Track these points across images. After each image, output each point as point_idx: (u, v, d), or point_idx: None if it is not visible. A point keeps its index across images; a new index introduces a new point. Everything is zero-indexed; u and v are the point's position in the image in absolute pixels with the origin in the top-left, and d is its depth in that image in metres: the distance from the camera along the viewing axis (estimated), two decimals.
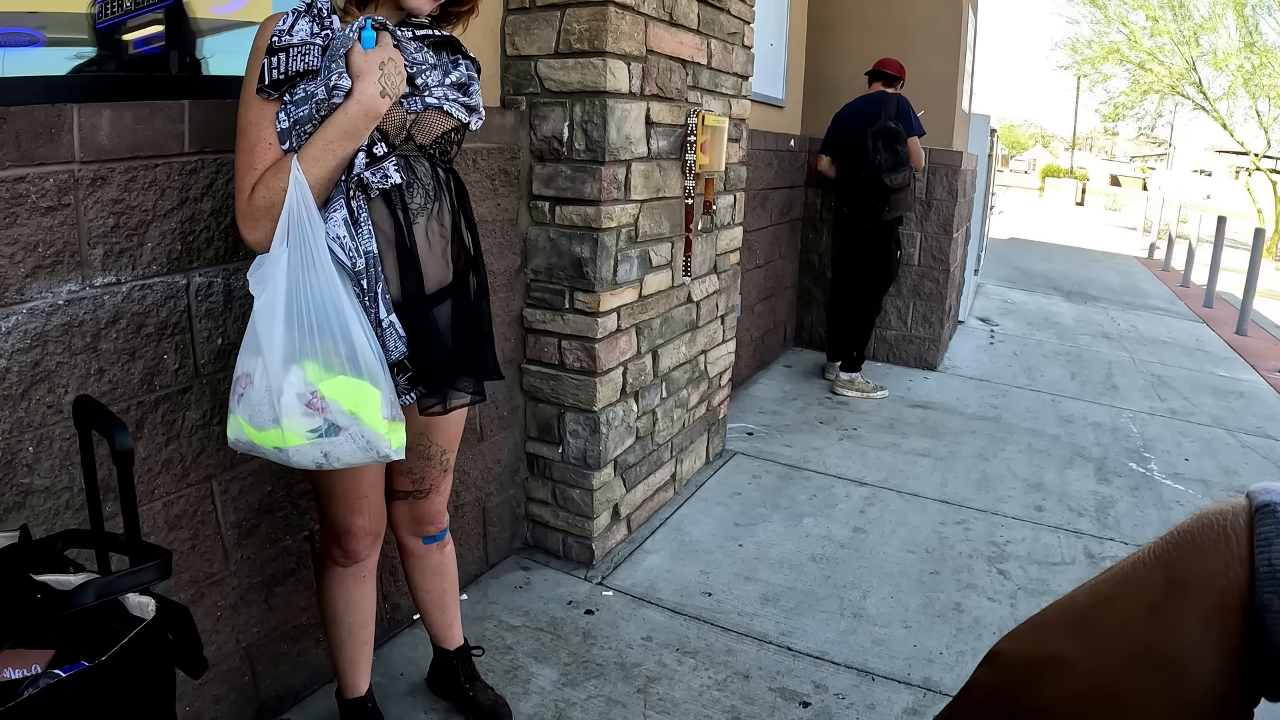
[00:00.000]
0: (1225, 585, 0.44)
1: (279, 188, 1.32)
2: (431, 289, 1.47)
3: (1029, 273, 10.62)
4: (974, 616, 2.52)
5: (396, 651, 2.20)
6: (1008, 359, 5.78)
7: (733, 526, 3.01)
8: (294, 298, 1.30)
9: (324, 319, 1.30)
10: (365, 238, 1.38)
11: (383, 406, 1.34)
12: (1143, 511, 3.36)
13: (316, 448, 1.32)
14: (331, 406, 1.30)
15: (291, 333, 1.30)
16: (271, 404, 1.29)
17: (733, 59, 3.11)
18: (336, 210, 1.37)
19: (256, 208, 1.34)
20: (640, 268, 2.66)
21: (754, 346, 4.80)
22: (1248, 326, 7.63)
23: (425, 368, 1.47)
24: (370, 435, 1.33)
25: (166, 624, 1.01)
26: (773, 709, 2.07)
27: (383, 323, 1.40)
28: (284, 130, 1.36)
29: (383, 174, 1.39)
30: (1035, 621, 0.52)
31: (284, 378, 1.29)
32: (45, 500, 1.40)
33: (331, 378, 1.31)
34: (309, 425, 1.30)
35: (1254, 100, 17.80)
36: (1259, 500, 0.45)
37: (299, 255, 1.30)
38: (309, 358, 1.30)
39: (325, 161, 1.33)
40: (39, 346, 1.36)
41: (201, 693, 1.72)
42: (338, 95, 1.32)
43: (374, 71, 1.32)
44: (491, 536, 2.62)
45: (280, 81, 1.34)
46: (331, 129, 1.32)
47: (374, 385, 1.33)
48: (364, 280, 1.38)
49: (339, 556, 1.67)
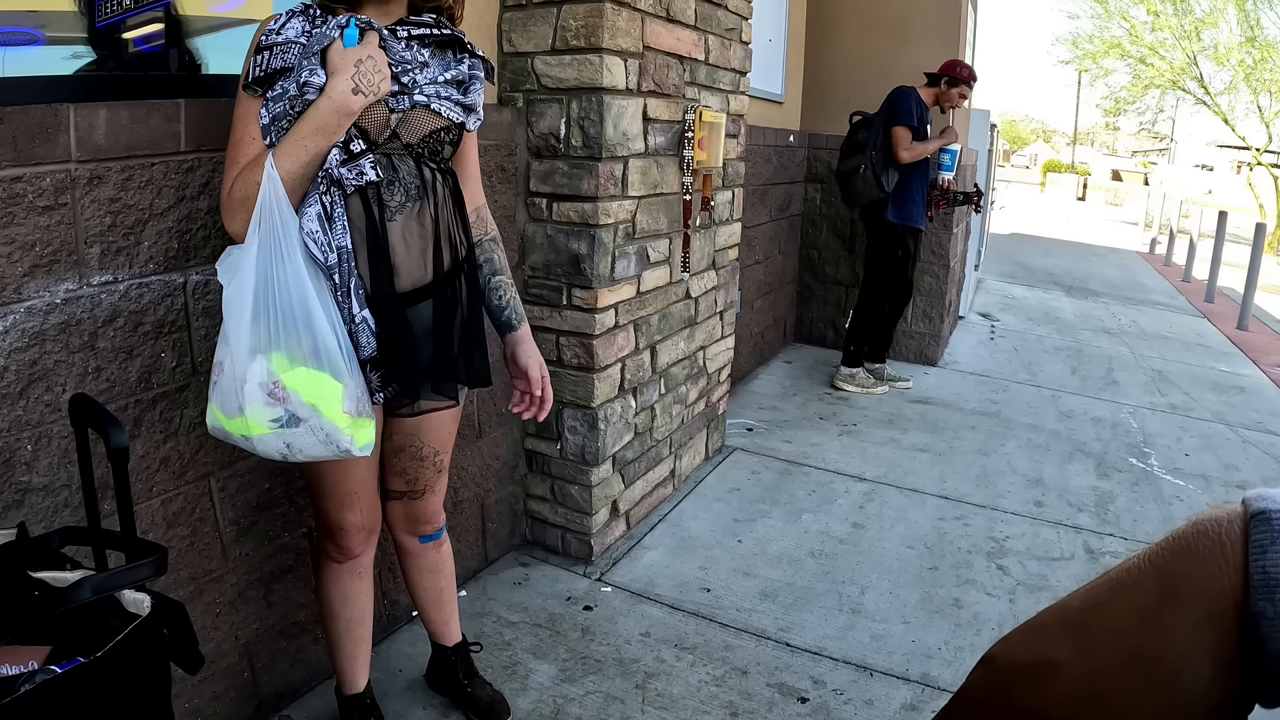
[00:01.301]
0: (1219, 591, 0.44)
1: (254, 181, 1.33)
2: (405, 288, 1.45)
3: (1030, 268, 10.61)
4: (973, 612, 2.52)
5: (395, 648, 2.20)
6: (1008, 354, 5.78)
7: (732, 522, 3.01)
8: (261, 288, 1.31)
9: (289, 311, 1.31)
10: (339, 233, 1.37)
11: (344, 401, 1.33)
12: (1142, 507, 3.36)
13: (279, 438, 1.32)
14: (292, 397, 1.31)
15: (258, 323, 1.31)
16: (236, 392, 1.30)
17: (730, 55, 3.11)
18: (311, 205, 1.36)
19: (234, 200, 1.36)
20: (638, 264, 2.66)
21: (753, 342, 4.80)
22: (1249, 321, 7.62)
23: (395, 367, 1.46)
24: (329, 429, 1.33)
25: (162, 620, 1.02)
26: (771, 704, 2.07)
27: (355, 318, 1.39)
28: (265, 126, 1.38)
29: (358, 171, 1.38)
30: (1030, 625, 0.52)
31: (249, 366, 1.30)
32: (44, 498, 1.40)
33: (294, 369, 1.31)
34: (270, 415, 1.31)
35: (1255, 95, 17.78)
36: (1254, 507, 0.45)
37: (268, 247, 1.31)
38: (276, 348, 1.31)
39: (298, 157, 1.33)
40: (37, 345, 1.37)
41: (201, 689, 1.73)
42: (309, 91, 1.33)
43: (348, 69, 1.33)
44: (490, 533, 2.63)
45: (262, 79, 1.36)
46: (304, 125, 1.33)
47: (335, 379, 1.33)
48: (336, 275, 1.38)
49: (333, 552, 1.68)
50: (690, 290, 3.07)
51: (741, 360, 4.50)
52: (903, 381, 4.76)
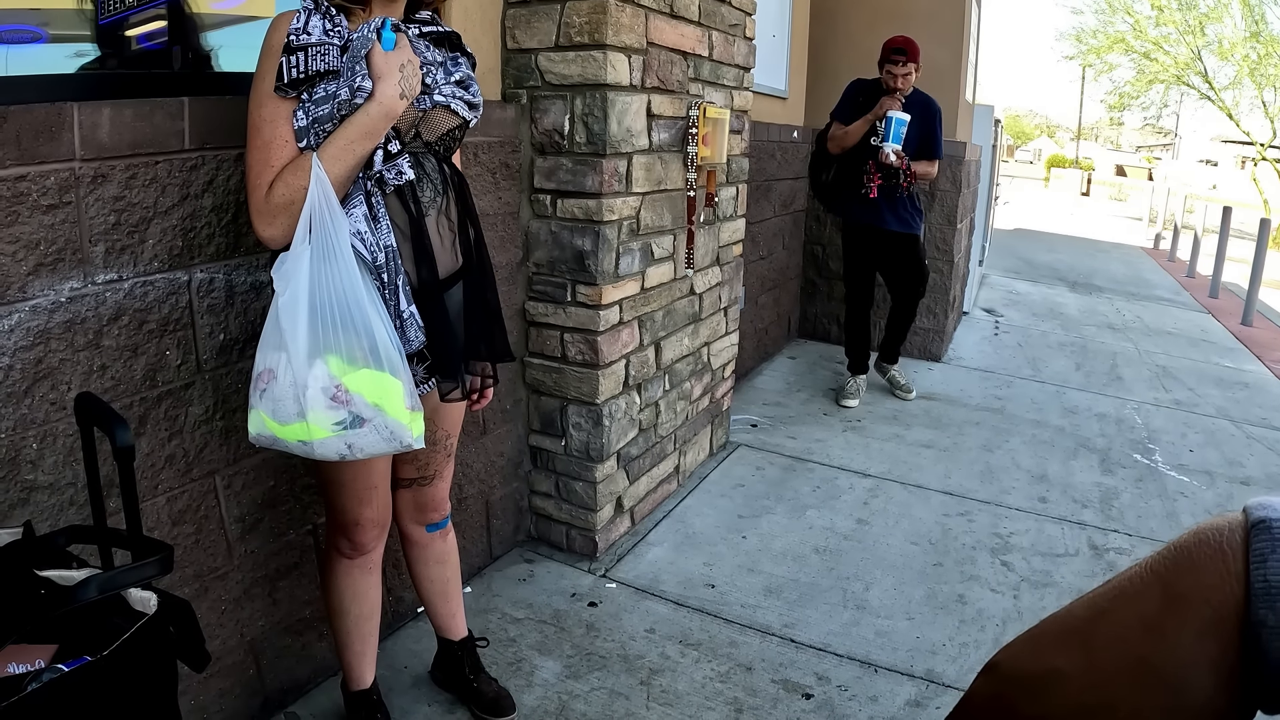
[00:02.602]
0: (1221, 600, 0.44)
1: (299, 185, 1.34)
2: (443, 277, 1.52)
3: (1034, 263, 10.59)
4: (977, 608, 2.52)
5: (401, 644, 2.21)
6: (1012, 350, 5.77)
7: (736, 518, 3.01)
8: (316, 293, 1.33)
9: (346, 313, 1.33)
10: (384, 232, 1.41)
11: (405, 397, 1.38)
12: (1147, 503, 3.36)
13: (341, 440, 1.35)
14: (355, 399, 1.34)
15: (315, 328, 1.33)
16: (297, 398, 1.32)
17: (734, 51, 3.10)
18: (356, 207, 1.40)
19: (275, 204, 1.36)
20: (642, 260, 2.66)
21: (758, 338, 4.80)
22: (1253, 317, 7.60)
23: (443, 354, 1.51)
24: (394, 426, 1.37)
25: (168, 618, 1.02)
26: (775, 701, 2.07)
27: (403, 314, 1.43)
28: (302, 128, 1.38)
29: (397, 170, 1.42)
30: (1033, 633, 0.53)
31: (309, 372, 1.32)
32: (49, 497, 1.40)
33: (355, 371, 1.34)
34: (334, 418, 1.34)
35: (1260, 90, 17.74)
36: (1254, 516, 0.45)
37: (321, 251, 1.33)
38: (332, 352, 1.33)
39: (345, 160, 1.36)
40: (42, 344, 1.37)
41: (207, 686, 1.73)
42: (360, 96, 1.35)
43: (394, 74, 1.35)
44: (495, 529, 2.63)
45: (300, 80, 1.35)
46: (352, 129, 1.35)
47: (395, 377, 1.37)
48: (384, 274, 1.41)
49: (345, 549, 1.68)
50: (694, 286, 3.07)
51: (746, 356, 4.50)
52: (902, 391, 4.52)
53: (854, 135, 4.01)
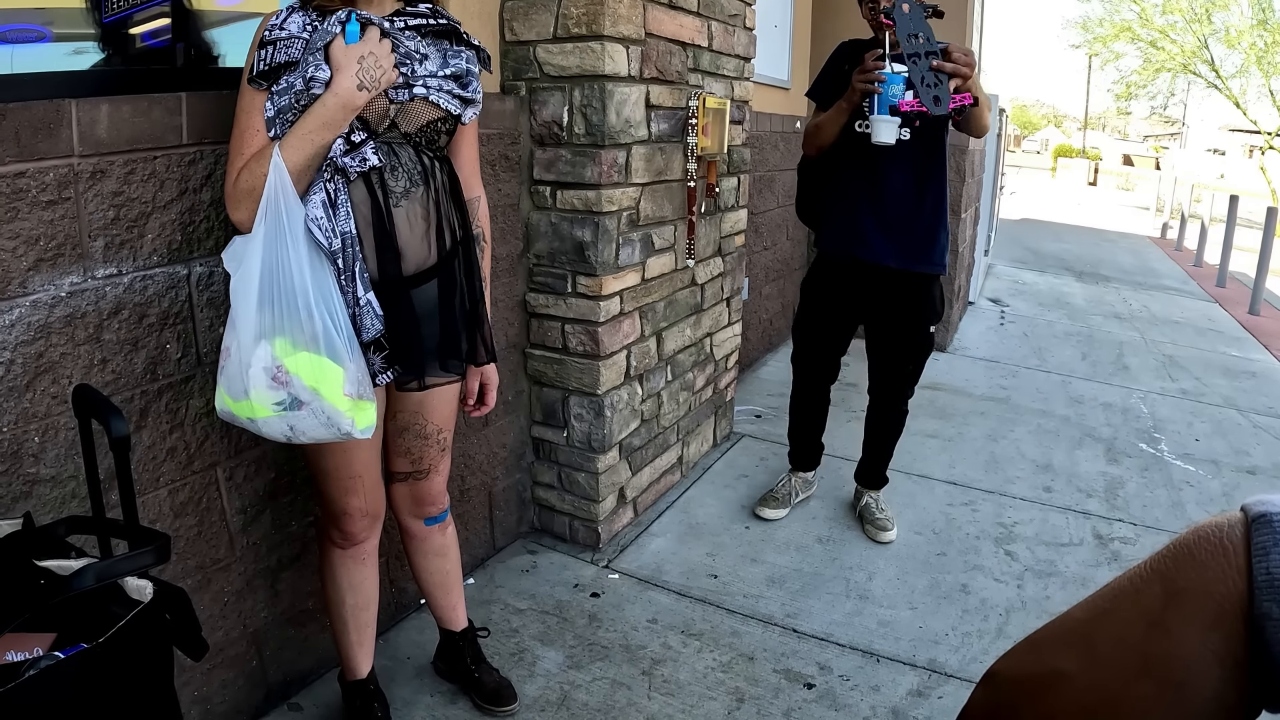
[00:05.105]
0: (1224, 594, 0.44)
1: (260, 172, 1.37)
2: (411, 270, 1.51)
3: (1040, 253, 10.55)
4: (980, 598, 2.52)
5: (403, 635, 2.22)
6: (1018, 340, 5.76)
7: (739, 509, 3.02)
8: (267, 276, 1.36)
9: (292, 297, 1.36)
10: (343, 219, 1.42)
11: (345, 384, 1.38)
12: (1152, 492, 3.35)
13: (283, 420, 1.37)
14: (294, 381, 1.35)
15: (263, 309, 1.36)
16: (242, 376, 1.35)
17: (734, 41, 3.09)
18: (316, 193, 1.41)
19: (240, 190, 1.40)
20: (643, 251, 2.66)
21: (762, 329, 4.80)
22: (1260, 306, 7.57)
23: (402, 346, 1.51)
24: (330, 412, 1.38)
25: (164, 606, 1.03)
26: (777, 690, 2.08)
27: (360, 301, 1.44)
28: (270, 119, 1.41)
29: (360, 158, 1.43)
30: (1032, 639, 0.52)
31: (253, 351, 1.35)
32: (51, 489, 1.41)
33: (296, 354, 1.36)
34: (274, 398, 1.36)
35: (1267, 78, 17.63)
36: (1255, 511, 0.45)
37: (274, 235, 1.36)
38: (280, 334, 1.36)
39: (304, 150, 1.38)
40: (42, 338, 1.38)
41: (209, 677, 1.75)
42: (315, 86, 1.37)
43: (352, 65, 1.37)
44: (498, 520, 2.64)
45: (266, 73, 1.40)
46: (310, 119, 1.37)
47: (336, 363, 1.37)
48: (340, 259, 1.42)
49: (337, 538, 1.70)
50: (696, 277, 3.07)
51: (750, 347, 4.49)
52: (877, 528, 2.87)
53: (829, 129, 2.58)
